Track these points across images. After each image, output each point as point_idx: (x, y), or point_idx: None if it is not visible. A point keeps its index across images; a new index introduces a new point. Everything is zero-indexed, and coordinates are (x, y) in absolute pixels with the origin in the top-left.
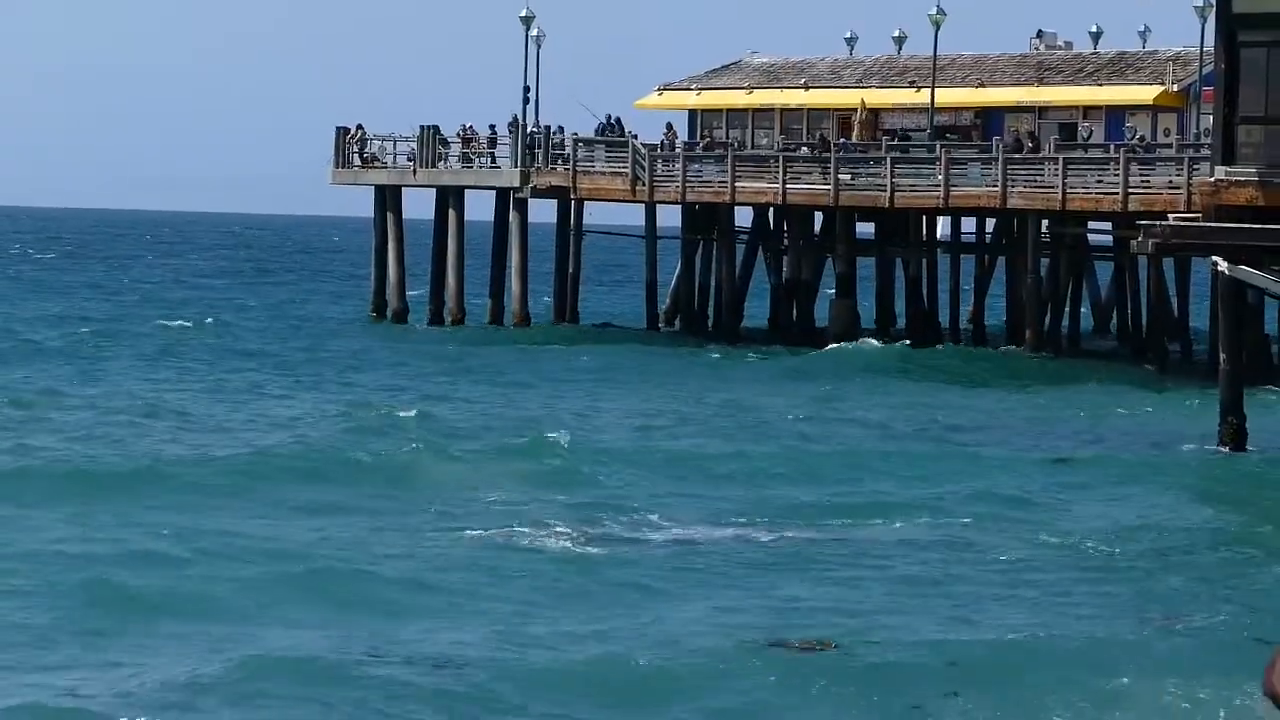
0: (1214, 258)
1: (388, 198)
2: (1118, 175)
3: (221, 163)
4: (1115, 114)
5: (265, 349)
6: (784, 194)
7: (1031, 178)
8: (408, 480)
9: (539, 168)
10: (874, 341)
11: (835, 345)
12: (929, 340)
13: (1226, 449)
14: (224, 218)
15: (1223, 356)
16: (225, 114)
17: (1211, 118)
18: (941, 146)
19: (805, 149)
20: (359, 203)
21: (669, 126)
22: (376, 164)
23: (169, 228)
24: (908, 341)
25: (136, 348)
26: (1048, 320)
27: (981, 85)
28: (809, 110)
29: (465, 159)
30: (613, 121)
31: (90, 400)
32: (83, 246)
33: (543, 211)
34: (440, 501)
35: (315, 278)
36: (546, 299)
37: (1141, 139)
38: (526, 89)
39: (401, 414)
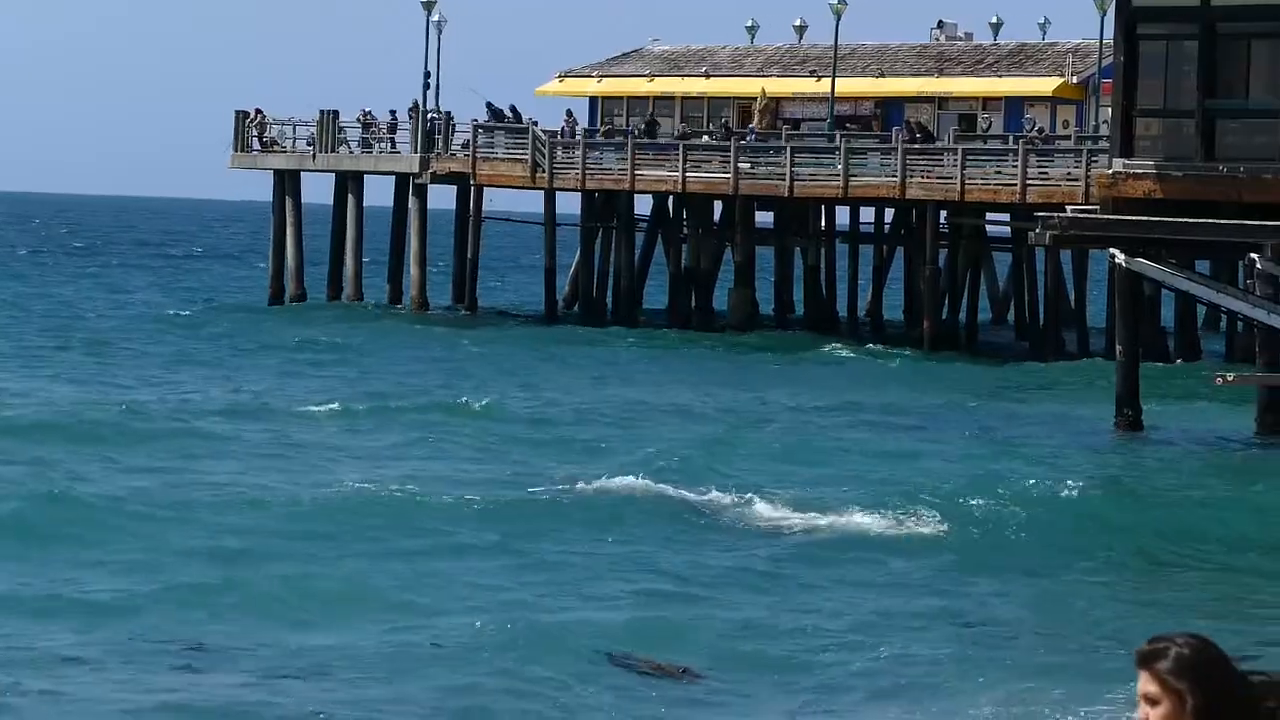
0: (1111, 250)
1: (286, 182)
2: (1016, 167)
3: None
4: (1015, 105)
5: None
6: (683, 182)
7: (930, 168)
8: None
9: (439, 154)
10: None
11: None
12: (825, 330)
13: (1123, 437)
14: (121, 200)
15: (1119, 348)
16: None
17: (1110, 110)
18: (841, 136)
19: (707, 136)
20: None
21: (569, 113)
22: (276, 148)
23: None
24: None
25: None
26: (945, 311)
27: (882, 75)
28: (710, 98)
29: (365, 144)
30: (502, 109)
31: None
32: None
33: (442, 197)
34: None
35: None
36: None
37: (1040, 131)
38: (427, 74)
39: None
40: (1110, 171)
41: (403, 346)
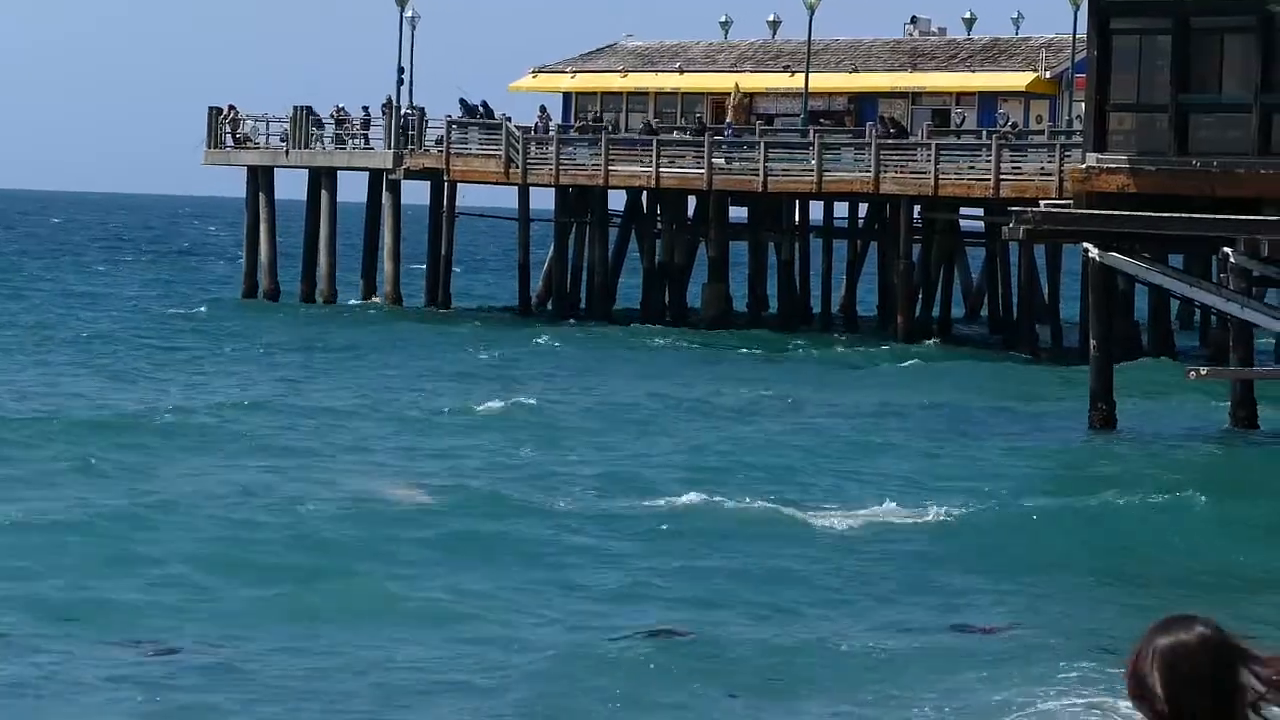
0: (1085, 244)
1: (260, 178)
2: (990, 161)
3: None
4: (988, 100)
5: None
6: (657, 178)
7: (904, 163)
8: None
9: (412, 149)
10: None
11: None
12: (799, 325)
13: (1097, 434)
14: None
15: (1093, 343)
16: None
17: (1084, 104)
18: (815, 132)
19: (678, 132)
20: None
21: (543, 109)
22: (249, 145)
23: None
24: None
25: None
26: (919, 306)
27: (855, 70)
28: (684, 94)
29: (338, 140)
30: (476, 105)
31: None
32: None
33: (416, 193)
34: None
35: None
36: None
37: (1014, 126)
38: (401, 70)
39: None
40: (1084, 166)
41: (427, 348)
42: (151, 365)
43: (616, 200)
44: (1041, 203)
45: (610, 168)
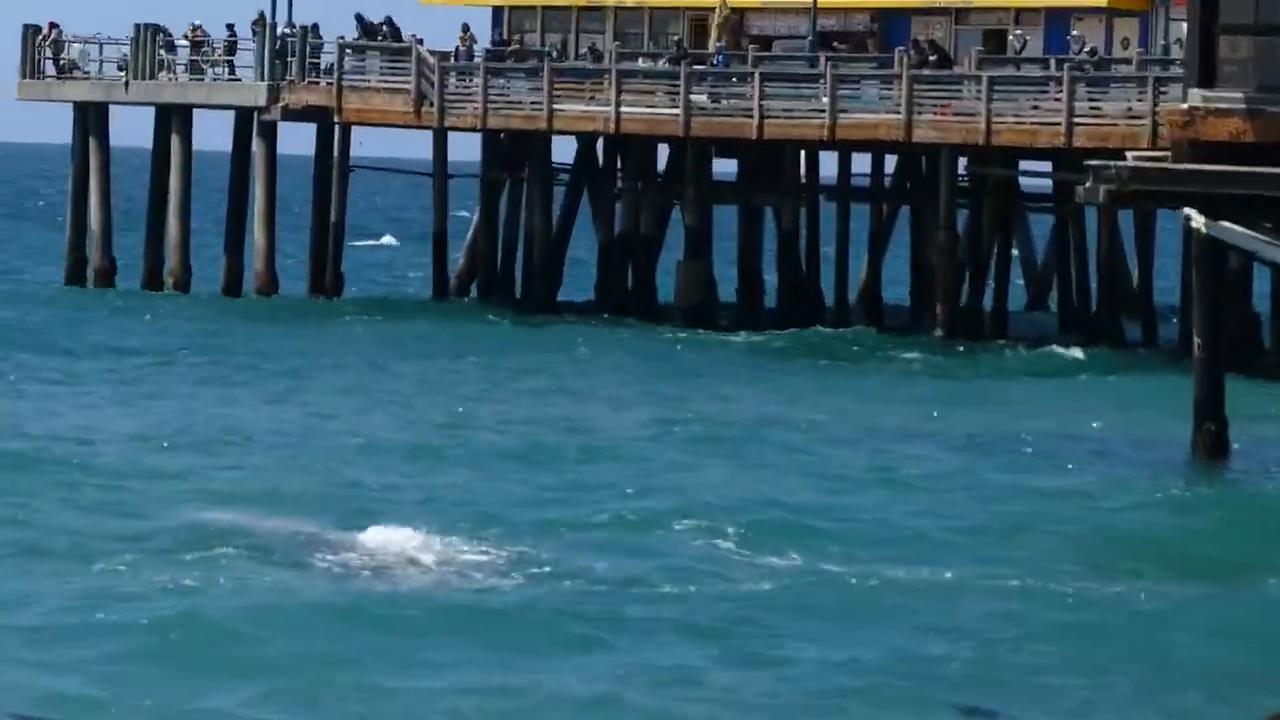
0: (1186, 210)
1: (90, 119)
2: (1060, 100)
3: None
4: (1057, 19)
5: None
6: (617, 120)
7: (946, 102)
8: None
9: (292, 81)
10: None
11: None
12: (807, 318)
13: (1203, 461)
14: None
15: (1197, 341)
16: None
17: (1185, 26)
18: (827, 60)
19: (646, 60)
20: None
21: (465, 29)
22: (77, 74)
23: None
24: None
25: None
26: (965, 291)
27: None
28: (652, 9)
29: (195, 69)
30: (378, 23)
31: None
32: None
33: (297, 139)
34: None
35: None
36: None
37: (1092, 52)
38: None
39: None
40: (1185, 107)
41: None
42: None
43: (563, 150)
44: (1129, 155)
45: (555, 107)
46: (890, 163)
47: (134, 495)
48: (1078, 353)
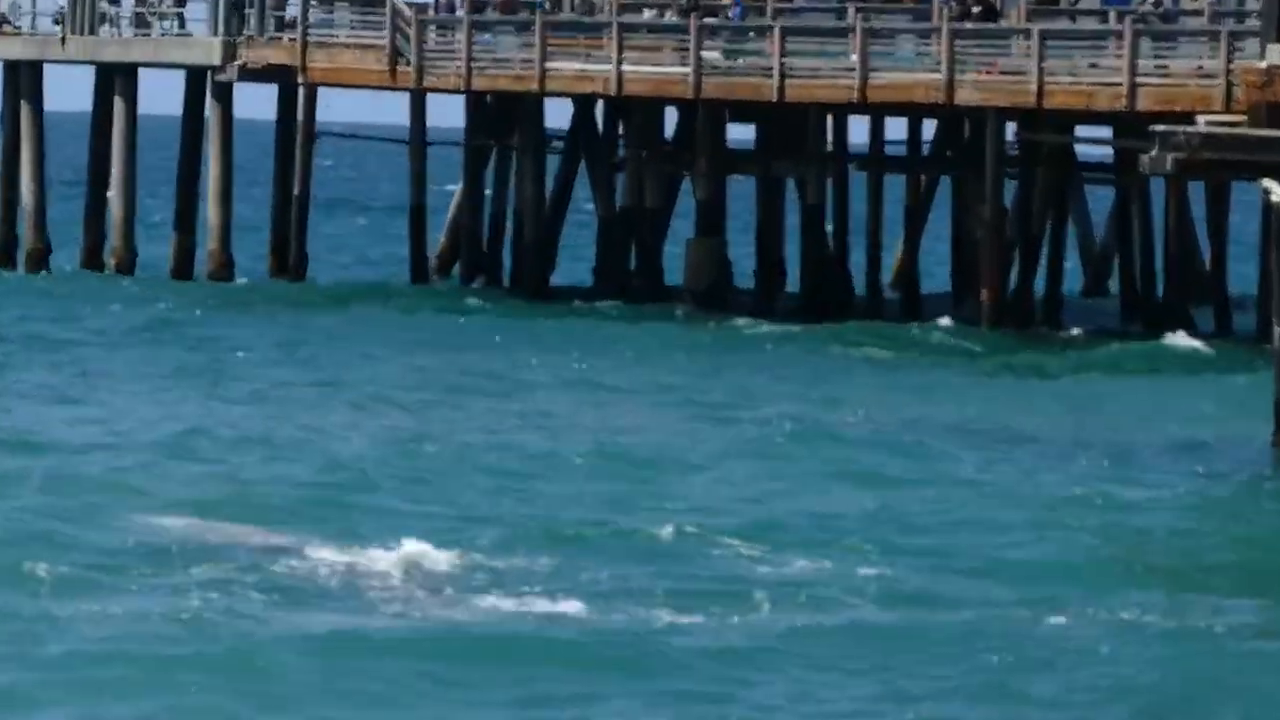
0: (1265, 181)
1: (22, 79)
2: (1121, 57)
3: None
4: None
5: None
6: (619, 80)
7: (992, 59)
8: None
9: (250, 37)
10: None
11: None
12: (835, 303)
13: None
14: None
15: (1277, 330)
16: None
17: None
18: (857, 10)
19: (651, 11)
20: None
21: None
22: (6, 29)
23: None
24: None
25: None
26: (1014, 273)
27: None
28: None
29: (140, 22)
30: None
31: None
32: None
33: (256, 102)
34: None
35: None
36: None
37: (1157, 3)
38: None
39: None
40: (1263, 65)
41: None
42: None
43: (558, 114)
44: (1200, 119)
45: (548, 65)
46: (929, 128)
47: (89, 505)
48: (1142, 343)
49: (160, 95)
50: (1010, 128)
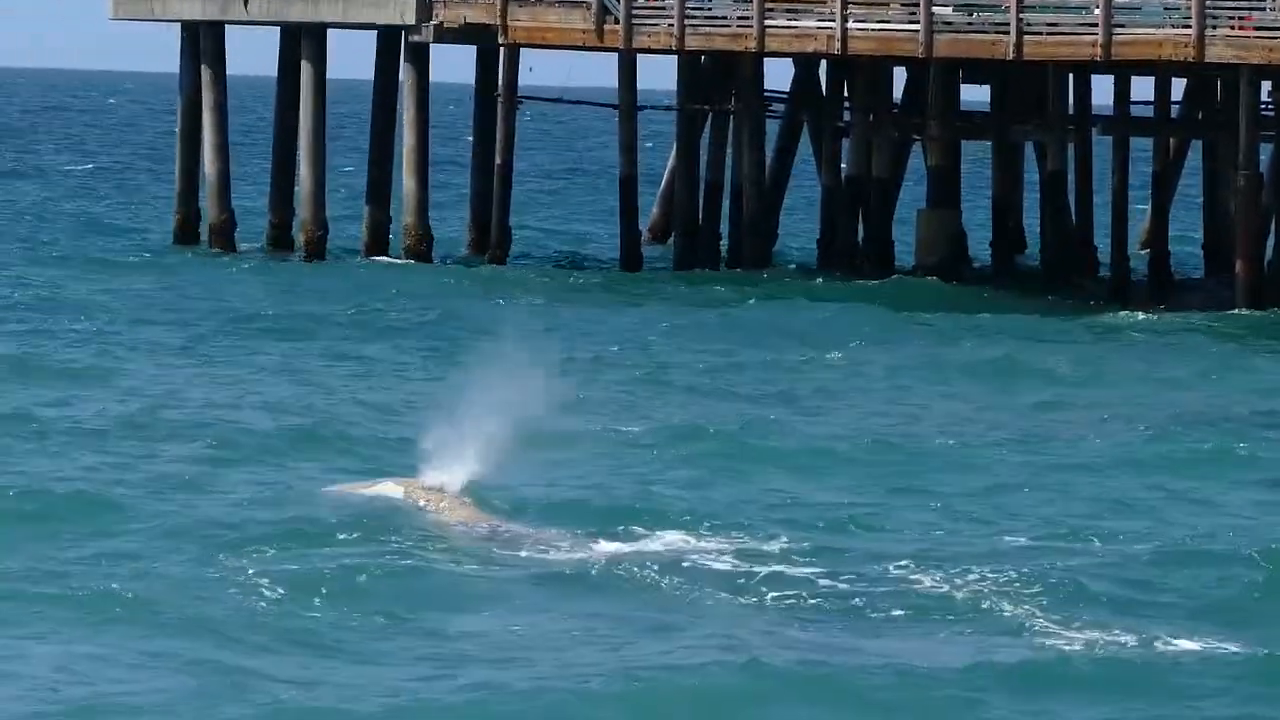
0: None
1: (203, 42)
2: None
3: None
4: None
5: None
6: (843, 39)
7: (1247, 13)
8: None
9: None
10: None
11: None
12: (1078, 276)
13: None
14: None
15: None
16: None
17: None
18: None
19: None
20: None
21: None
22: None
23: None
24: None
25: None
26: (1271, 247)
27: None
28: None
29: None
30: None
31: None
32: None
33: (454, 65)
34: None
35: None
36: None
37: None
38: None
39: None
40: None
41: None
42: None
43: (778, 75)
44: None
45: (768, 23)
46: (1177, 88)
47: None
48: None
49: (352, 59)
50: (1265, 87)
